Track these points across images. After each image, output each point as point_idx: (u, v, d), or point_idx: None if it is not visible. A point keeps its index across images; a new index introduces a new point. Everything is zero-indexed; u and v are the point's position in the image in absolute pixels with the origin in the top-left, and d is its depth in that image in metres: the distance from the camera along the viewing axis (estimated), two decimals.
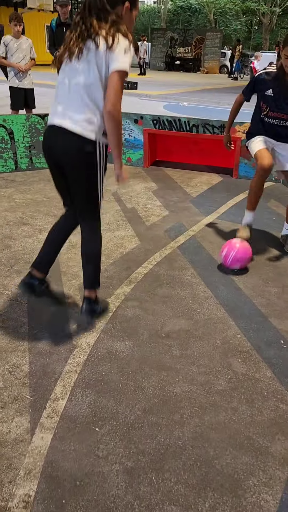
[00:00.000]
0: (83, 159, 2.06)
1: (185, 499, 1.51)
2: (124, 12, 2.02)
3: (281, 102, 2.99)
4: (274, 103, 3.02)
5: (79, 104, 2.00)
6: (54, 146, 2.11)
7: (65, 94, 2.05)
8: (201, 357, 2.21)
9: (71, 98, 2.02)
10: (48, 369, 2.09)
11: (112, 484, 1.56)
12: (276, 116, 3.07)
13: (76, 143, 2.02)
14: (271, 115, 3.08)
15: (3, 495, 1.50)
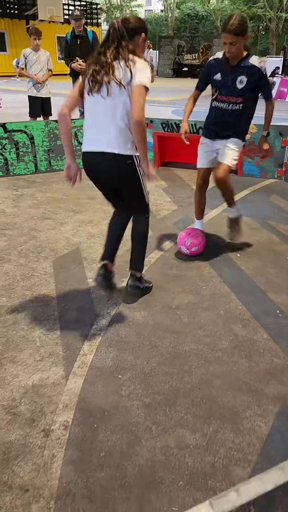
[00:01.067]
0: (127, 172, 2.39)
1: (193, 425, 1.86)
2: (141, 41, 2.37)
3: (228, 85, 3.10)
4: (222, 86, 3.13)
5: (112, 127, 2.29)
6: (98, 169, 2.41)
7: (97, 120, 2.33)
8: (206, 323, 2.56)
9: (104, 124, 2.30)
10: (76, 333, 2.46)
11: (133, 414, 1.91)
12: (225, 100, 3.15)
13: (118, 162, 2.33)
14: (220, 98, 3.17)
15: (47, 421, 1.87)
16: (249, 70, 3.04)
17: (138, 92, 2.21)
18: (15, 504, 1.53)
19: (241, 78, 3.06)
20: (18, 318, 2.58)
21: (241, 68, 3.05)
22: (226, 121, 3.21)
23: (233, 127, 3.22)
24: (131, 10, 41.55)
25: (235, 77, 3.08)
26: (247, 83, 3.05)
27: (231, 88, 3.11)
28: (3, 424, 1.85)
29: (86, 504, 1.53)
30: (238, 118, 3.20)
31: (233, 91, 3.11)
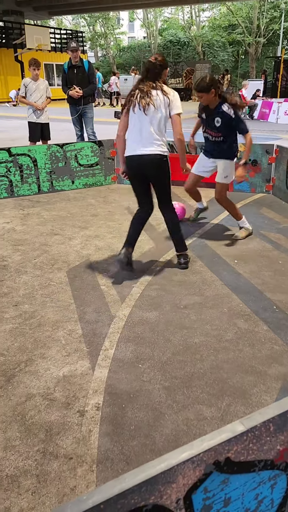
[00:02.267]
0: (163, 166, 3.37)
1: (209, 401, 2.14)
2: (165, 75, 3.35)
3: (210, 123, 4.07)
4: (207, 123, 4.12)
5: (152, 137, 3.27)
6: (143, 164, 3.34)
7: (139, 133, 3.27)
8: (212, 319, 2.86)
9: (145, 136, 3.26)
10: (96, 332, 2.73)
11: (156, 395, 2.18)
12: (208, 133, 4.15)
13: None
14: (206, 130, 4.18)
15: (80, 404, 2.13)
16: (221, 114, 3.96)
17: (178, 118, 3.28)
18: (63, 468, 1.78)
19: (217, 119, 4.01)
20: (42, 321, 2.85)
21: (217, 112, 3.99)
22: (214, 148, 4.20)
23: (220, 152, 4.17)
24: (115, 37, 42.92)
25: (213, 118, 4.03)
26: (222, 123, 3.99)
27: (212, 125, 4.08)
28: (42, 408, 2.10)
29: (123, 466, 1.79)
30: (221, 146, 4.13)
31: (213, 128, 4.08)
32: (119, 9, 32.06)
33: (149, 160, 3.28)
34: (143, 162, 3.31)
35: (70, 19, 45.53)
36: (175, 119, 3.27)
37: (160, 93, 3.21)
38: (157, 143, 3.28)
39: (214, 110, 3.99)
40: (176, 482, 1.00)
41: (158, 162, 3.31)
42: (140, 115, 3.24)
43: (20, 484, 1.70)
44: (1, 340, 2.63)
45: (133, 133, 3.31)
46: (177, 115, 3.27)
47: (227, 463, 1.07)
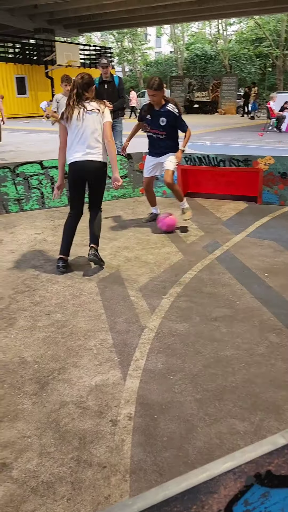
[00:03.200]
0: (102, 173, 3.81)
1: (241, 415, 2.13)
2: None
3: (155, 122, 4.58)
4: (152, 123, 4.61)
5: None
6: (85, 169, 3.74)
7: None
8: (243, 333, 2.84)
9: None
10: (127, 342, 2.76)
11: (187, 407, 2.18)
12: (153, 132, 4.67)
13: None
14: (151, 130, 4.68)
15: (113, 413, 2.15)
16: (167, 113, 4.49)
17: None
18: (97, 477, 1.80)
19: (162, 119, 4.53)
20: (74, 331, 2.90)
21: (162, 111, 4.51)
22: (159, 145, 4.73)
23: (166, 148, 4.71)
24: (142, 52, 43.65)
25: (158, 118, 4.54)
26: (167, 122, 4.53)
27: (156, 124, 4.59)
28: (76, 416, 2.14)
29: (156, 477, 1.79)
30: (166, 142, 4.68)
31: (158, 127, 4.59)
32: (147, 25, 32.66)
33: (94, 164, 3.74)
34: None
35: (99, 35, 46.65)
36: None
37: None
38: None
39: (159, 110, 4.52)
40: (218, 493, 1.01)
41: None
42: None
43: (55, 491, 1.73)
44: (35, 348, 2.69)
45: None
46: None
47: (268, 476, 1.07)
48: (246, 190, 6.26)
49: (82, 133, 3.62)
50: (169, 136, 4.63)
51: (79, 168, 3.69)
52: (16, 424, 2.08)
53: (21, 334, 2.85)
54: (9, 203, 5.71)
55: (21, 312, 3.14)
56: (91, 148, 3.64)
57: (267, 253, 4.21)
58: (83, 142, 3.63)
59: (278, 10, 25.38)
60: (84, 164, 3.67)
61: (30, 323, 2.99)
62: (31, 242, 4.62)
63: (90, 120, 3.61)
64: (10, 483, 1.77)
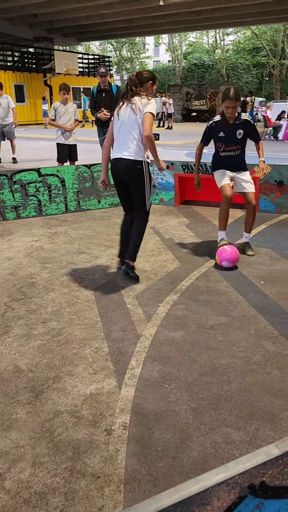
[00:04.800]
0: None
1: (237, 424, 2.11)
2: (148, 87, 3.52)
3: (230, 138, 4.11)
4: (226, 140, 4.13)
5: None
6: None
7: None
8: (239, 341, 2.83)
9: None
10: (122, 350, 2.74)
11: (183, 416, 2.17)
12: (230, 149, 4.18)
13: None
14: (226, 149, 4.18)
15: (107, 422, 2.13)
16: (243, 124, 4.08)
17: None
18: (90, 487, 1.78)
19: (239, 131, 4.09)
20: (69, 339, 2.88)
21: (238, 124, 4.08)
22: (234, 162, 4.25)
23: (242, 162, 4.29)
24: (141, 61, 43.99)
25: (234, 131, 4.09)
26: (244, 133, 4.10)
27: (233, 140, 4.13)
28: (70, 425, 2.12)
29: (151, 488, 1.77)
30: (241, 157, 4.27)
31: (234, 142, 4.14)
32: (145, 34, 32.95)
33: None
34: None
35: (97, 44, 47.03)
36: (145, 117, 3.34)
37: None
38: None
39: (234, 123, 4.07)
40: (211, 504, 0.99)
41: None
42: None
43: (48, 502, 1.71)
44: (30, 356, 2.67)
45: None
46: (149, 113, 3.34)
47: (262, 487, 1.06)
48: (243, 198, 6.27)
49: (120, 128, 3.45)
50: (243, 150, 4.23)
51: (113, 167, 3.55)
52: (10, 433, 2.06)
53: (16, 343, 2.84)
54: (6, 211, 5.71)
55: (17, 320, 3.12)
56: (125, 146, 3.44)
57: (264, 261, 4.21)
58: (120, 138, 3.47)
59: (275, 20, 25.66)
60: (117, 162, 3.50)
61: (26, 331, 2.97)
62: (27, 249, 4.62)
63: (129, 115, 3.38)
64: (2, 494, 1.74)
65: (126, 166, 3.44)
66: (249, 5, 20.26)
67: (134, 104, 3.36)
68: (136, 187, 3.52)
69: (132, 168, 3.44)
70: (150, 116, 3.34)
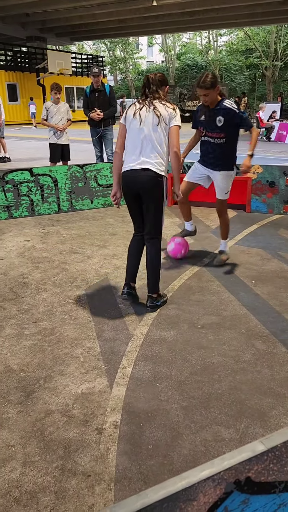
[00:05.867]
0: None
1: (227, 422, 2.13)
2: (166, 91, 3.20)
3: (210, 124, 3.82)
4: (207, 126, 3.85)
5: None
6: None
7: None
8: (230, 340, 2.86)
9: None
10: (114, 349, 2.75)
11: (173, 415, 2.18)
12: (209, 136, 3.88)
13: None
14: (207, 134, 3.89)
15: (98, 421, 2.14)
16: (224, 111, 3.74)
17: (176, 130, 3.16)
18: (81, 486, 1.79)
19: (219, 118, 3.76)
20: (60, 339, 2.88)
21: (218, 110, 3.76)
22: (214, 152, 3.91)
23: (220, 158, 3.92)
24: (134, 61, 44.00)
25: (214, 118, 3.78)
26: (224, 121, 3.75)
27: (213, 127, 3.82)
28: (61, 425, 2.12)
29: (141, 486, 1.79)
30: (223, 149, 3.88)
31: (215, 129, 3.82)
32: (138, 34, 32.97)
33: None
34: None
35: (90, 44, 46.96)
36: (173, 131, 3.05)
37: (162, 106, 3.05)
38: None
39: (215, 109, 3.75)
40: (197, 500, 1.01)
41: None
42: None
43: (39, 501, 1.71)
44: (21, 356, 2.67)
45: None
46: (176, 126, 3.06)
47: (247, 482, 1.08)
48: (235, 199, 6.30)
49: (138, 135, 3.04)
50: (228, 140, 3.82)
51: (128, 178, 3.11)
52: (0, 433, 2.06)
53: (7, 342, 2.84)
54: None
55: (8, 320, 3.12)
56: (146, 156, 3.03)
57: (255, 261, 4.24)
58: (138, 146, 3.05)
59: (267, 22, 25.81)
60: (133, 174, 3.06)
61: (17, 331, 2.97)
62: (19, 249, 4.61)
63: (152, 123, 3.01)
64: None
65: (145, 178, 3.01)
66: (242, 7, 20.37)
67: (158, 111, 3.00)
68: (153, 203, 3.10)
69: (152, 182, 3.02)
70: (178, 130, 3.07)
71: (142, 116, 3.03)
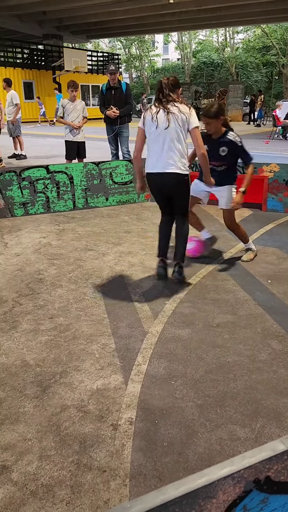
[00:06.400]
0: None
1: (242, 421, 2.12)
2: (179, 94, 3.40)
3: (214, 153, 3.81)
4: (209, 154, 3.68)
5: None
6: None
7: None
8: (245, 339, 2.84)
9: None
10: (129, 347, 2.76)
11: (188, 412, 2.18)
12: (213, 164, 3.86)
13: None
14: (210, 162, 3.76)
15: (113, 417, 2.15)
16: (228, 143, 3.82)
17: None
18: (96, 481, 1.80)
19: (223, 148, 3.85)
20: (76, 334, 2.90)
21: (222, 142, 3.83)
22: (216, 177, 3.87)
23: (222, 179, 3.95)
24: (150, 59, 43.90)
25: (218, 147, 3.84)
26: (228, 151, 3.85)
27: (215, 156, 3.85)
28: (77, 420, 2.14)
29: (156, 482, 1.79)
30: (225, 173, 3.95)
31: (218, 159, 3.88)
32: (154, 32, 32.87)
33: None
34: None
35: (106, 42, 47.00)
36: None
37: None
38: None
39: (219, 139, 3.83)
40: (217, 498, 1.01)
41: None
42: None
43: (55, 494, 1.73)
44: (38, 351, 2.70)
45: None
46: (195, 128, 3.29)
47: (267, 482, 1.07)
48: (251, 197, 6.24)
49: (158, 138, 3.28)
50: (229, 167, 3.95)
51: (156, 182, 3.42)
52: (17, 427, 2.09)
53: (24, 337, 2.86)
54: (15, 207, 5.74)
55: (24, 315, 3.15)
56: (169, 158, 3.30)
57: (271, 260, 4.21)
58: (158, 149, 3.31)
59: (285, 19, 25.47)
60: (160, 177, 3.36)
61: (33, 327, 3.00)
62: (35, 246, 4.65)
63: (170, 125, 3.23)
64: (9, 485, 1.77)
65: (172, 181, 3.35)
66: (259, 3, 20.15)
67: (174, 114, 3.22)
68: (181, 197, 3.49)
69: (178, 182, 3.36)
70: (198, 130, 3.29)
71: (160, 119, 3.25)
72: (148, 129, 3.34)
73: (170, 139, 3.26)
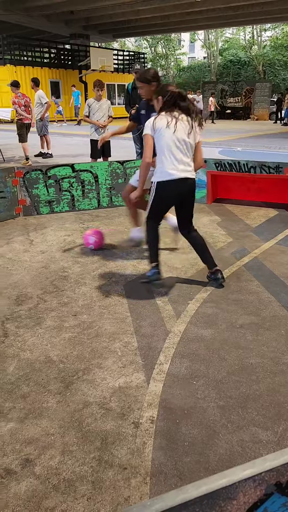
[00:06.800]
0: None
1: (264, 424, 2.10)
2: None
3: (147, 118, 3.61)
4: (146, 119, 3.58)
5: None
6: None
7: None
8: (269, 341, 2.81)
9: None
10: (151, 345, 2.77)
11: (210, 413, 2.17)
12: None
13: None
14: None
15: (135, 415, 2.16)
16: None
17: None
18: (117, 478, 1.82)
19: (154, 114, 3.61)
20: (99, 332, 2.93)
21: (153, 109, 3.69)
22: None
23: None
24: (176, 58, 43.75)
25: (150, 114, 3.76)
26: None
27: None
28: (99, 416, 2.16)
29: (176, 482, 1.79)
30: None
31: None
32: (181, 30, 32.71)
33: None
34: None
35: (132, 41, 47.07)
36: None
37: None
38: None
39: (152, 107, 3.70)
40: (237, 499, 1.00)
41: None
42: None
43: (76, 489, 1.76)
44: (61, 348, 2.74)
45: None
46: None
47: None
48: (277, 198, 6.18)
49: (176, 145, 3.31)
50: None
51: (177, 187, 3.39)
52: (40, 421, 2.13)
53: (48, 334, 2.91)
54: (41, 205, 5.84)
55: (49, 312, 3.20)
56: (188, 164, 3.39)
57: None
58: (178, 156, 3.33)
59: None
60: (183, 183, 3.38)
61: (57, 323, 3.04)
62: (60, 243, 4.71)
63: (187, 134, 3.33)
64: (32, 478, 1.81)
65: (188, 187, 3.44)
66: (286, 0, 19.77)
67: (187, 125, 3.34)
68: (192, 201, 3.61)
69: (194, 188, 3.52)
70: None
71: (178, 128, 3.30)
72: (160, 135, 3.31)
73: (187, 147, 3.37)
